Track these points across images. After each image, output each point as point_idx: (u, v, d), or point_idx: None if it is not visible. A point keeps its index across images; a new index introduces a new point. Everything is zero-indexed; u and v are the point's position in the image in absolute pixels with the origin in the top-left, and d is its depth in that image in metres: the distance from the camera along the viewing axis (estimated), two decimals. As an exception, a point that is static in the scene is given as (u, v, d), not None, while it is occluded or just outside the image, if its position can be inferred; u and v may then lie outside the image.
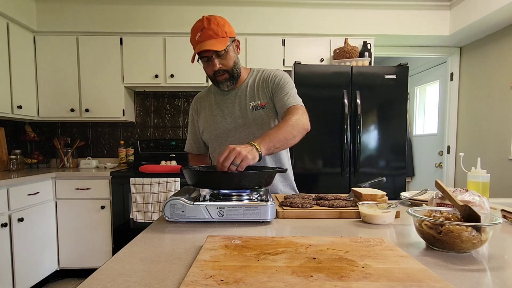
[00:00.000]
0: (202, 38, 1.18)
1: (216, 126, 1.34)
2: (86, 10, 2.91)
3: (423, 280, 0.50)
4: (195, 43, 1.21)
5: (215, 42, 1.18)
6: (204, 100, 1.42)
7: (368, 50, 2.85)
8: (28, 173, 2.51)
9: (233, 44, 1.26)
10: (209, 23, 1.18)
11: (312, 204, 1.04)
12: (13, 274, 2.20)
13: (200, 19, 1.21)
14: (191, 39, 1.23)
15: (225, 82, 1.28)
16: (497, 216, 0.72)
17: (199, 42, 1.19)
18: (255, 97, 1.32)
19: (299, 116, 1.18)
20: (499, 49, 2.88)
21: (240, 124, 1.32)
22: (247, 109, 1.32)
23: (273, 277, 0.51)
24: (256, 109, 1.30)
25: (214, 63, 1.22)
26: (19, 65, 2.71)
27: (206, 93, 1.44)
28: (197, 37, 1.19)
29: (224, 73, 1.26)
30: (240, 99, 1.33)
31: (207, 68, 1.26)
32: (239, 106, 1.33)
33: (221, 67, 1.23)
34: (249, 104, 1.32)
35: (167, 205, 0.89)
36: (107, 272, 0.57)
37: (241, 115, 1.32)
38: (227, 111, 1.34)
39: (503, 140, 2.81)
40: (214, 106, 1.37)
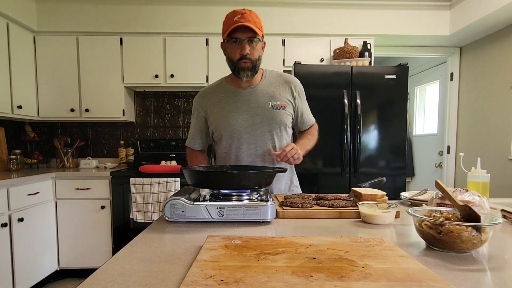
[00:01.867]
0: (241, 20, 1.22)
1: (232, 122, 1.34)
2: (86, 10, 2.91)
3: (423, 280, 0.50)
4: (232, 23, 1.22)
5: (254, 27, 1.23)
6: (212, 96, 1.40)
7: (368, 50, 2.85)
8: (28, 173, 2.51)
9: (263, 41, 1.32)
10: (250, 13, 1.25)
11: (312, 204, 1.04)
12: (13, 274, 2.20)
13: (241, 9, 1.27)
14: (226, 21, 1.25)
15: (246, 71, 1.29)
16: (497, 216, 0.72)
17: (238, 21, 1.21)
18: (275, 97, 1.36)
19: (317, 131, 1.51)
20: (499, 49, 2.88)
21: (257, 121, 1.34)
22: (265, 107, 1.34)
23: (273, 277, 0.51)
24: (276, 108, 1.34)
25: (244, 46, 1.24)
26: (19, 65, 2.71)
27: (213, 89, 1.42)
28: (236, 18, 1.22)
29: (249, 62, 1.27)
30: (258, 97, 1.35)
31: (234, 50, 1.27)
32: (257, 103, 1.35)
33: (249, 54, 1.26)
34: (268, 102, 1.34)
35: (167, 205, 0.89)
36: (107, 272, 0.57)
37: (258, 113, 1.34)
38: (244, 107, 1.35)
39: (503, 140, 2.81)
40: (230, 102, 1.36)
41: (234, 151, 1.36)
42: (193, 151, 1.50)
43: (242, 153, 1.35)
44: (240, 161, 1.36)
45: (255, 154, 1.35)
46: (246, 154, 1.35)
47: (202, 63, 2.97)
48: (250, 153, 1.35)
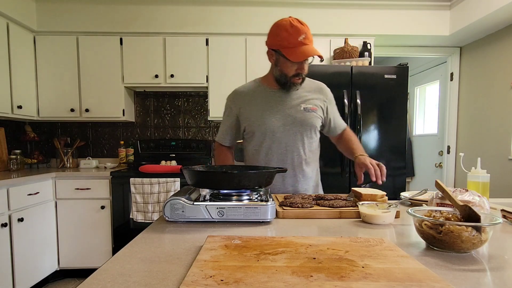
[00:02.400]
0: (306, 42, 1.26)
1: (265, 121, 1.40)
2: (86, 10, 2.91)
3: (423, 280, 0.50)
4: (297, 43, 1.26)
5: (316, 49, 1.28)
6: (246, 95, 1.46)
7: (368, 50, 2.85)
8: (28, 173, 2.51)
9: None
10: (308, 29, 1.28)
11: (312, 204, 1.04)
12: (13, 274, 2.20)
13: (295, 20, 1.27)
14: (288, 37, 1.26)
15: (297, 85, 1.39)
16: (497, 216, 0.72)
17: (304, 43, 1.26)
18: (307, 101, 1.42)
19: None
20: (499, 49, 2.88)
21: (289, 122, 1.40)
22: (298, 109, 1.40)
23: (273, 277, 0.51)
24: (307, 111, 1.41)
25: (303, 67, 1.32)
26: (19, 65, 2.71)
27: (251, 88, 1.48)
28: (301, 38, 1.25)
29: (301, 77, 1.36)
30: (291, 99, 1.41)
31: (291, 67, 1.32)
32: (290, 105, 1.41)
33: (305, 72, 1.35)
34: (300, 105, 1.41)
35: (167, 205, 0.89)
36: (107, 272, 0.57)
37: (291, 114, 1.40)
38: (277, 108, 1.41)
39: (503, 140, 2.81)
40: (264, 102, 1.42)
41: (265, 149, 1.42)
42: (221, 147, 1.55)
43: (272, 151, 1.41)
44: (269, 159, 1.41)
45: (284, 153, 1.41)
46: (276, 153, 1.41)
47: (202, 63, 2.97)
48: (280, 152, 1.41)
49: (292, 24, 1.26)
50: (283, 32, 1.27)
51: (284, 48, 1.29)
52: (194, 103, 3.37)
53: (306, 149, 1.43)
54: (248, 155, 1.49)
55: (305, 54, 1.26)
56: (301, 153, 1.42)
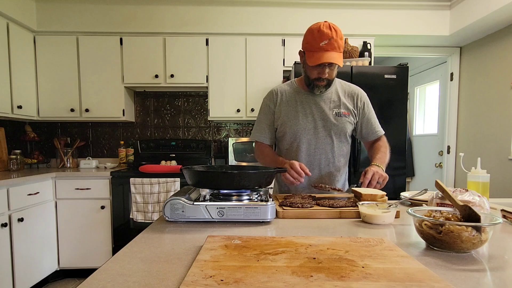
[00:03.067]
0: (328, 48, 1.26)
1: (297, 122, 1.43)
2: (86, 10, 2.91)
3: (423, 280, 0.50)
4: (318, 48, 1.27)
5: (337, 56, 1.27)
6: (284, 95, 1.48)
7: (368, 50, 2.85)
8: (28, 173, 2.51)
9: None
10: (337, 35, 1.27)
11: (312, 204, 1.04)
12: (13, 274, 2.20)
13: (327, 25, 1.27)
14: (311, 41, 1.28)
15: (321, 88, 1.39)
16: (497, 216, 0.72)
17: (324, 49, 1.26)
18: (339, 106, 1.44)
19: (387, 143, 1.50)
20: (499, 49, 2.88)
21: (320, 125, 1.43)
22: (329, 113, 1.42)
23: (273, 277, 0.51)
24: (339, 115, 1.43)
25: (324, 71, 1.32)
26: (19, 65, 2.71)
27: (287, 88, 1.50)
28: (323, 44, 1.26)
29: (325, 81, 1.37)
30: (324, 103, 1.44)
31: (313, 71, 1.34)
32: (322, 109, 1.43)
33: (327, 76, 1.35)
34: (332, 109, 1.43)
35: (167, 205, 0.90)
36: (107, 272, 0.57)
37: (322, 117, 1.43)
38: (309, 111, 1.43)
39: (503, 140, 2.81)
40: (297, 103, 1.45)
41: (295, 149, 1.44)
42: (263, 146, 1.53)
43: (301, 152, 1.43)
44: (298, 159, 1.42)
45: (313, 154, 1.44)
46: (305, 154, 1.43)
47: (202, 63, 2.97)
48: (309, 153, 1.44)
49: (320, 28, 1.27)
50: (309, 35, 1.30)
51: (307, 51, 1.32)
52: (194, 103, 3.37)
53: (336, 152, 1.45)
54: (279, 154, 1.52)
55: (320, 59, 1.26)
56: (329, 156, 1.44)
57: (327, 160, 1.45)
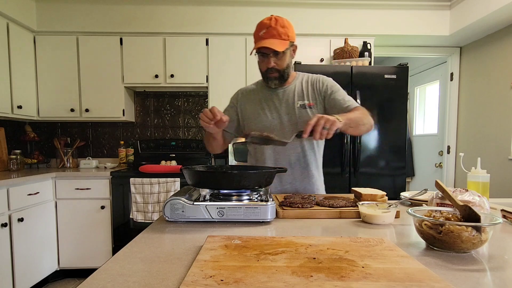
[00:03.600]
0: (265, 36, 1.27)
1: (262, 119, 1.41)
2: (86, 10, 2.91)
3: (423, 280, 0.50)
4: (257, 38, 1.30)
5: (276, 42, 1.26)
6: (250, 93, 1.48)
7: (368, 50, 2.85)
8: (28, 173, 2.51)
9: (291, 48, 1.36)
10: (276, 23, 1.27)
11: (312, 204, 1.04)
12: (13, 274, 2.20)
13: (269, 17, 1.30)
14: (255, 33, 1.32)
15: (274, 80, 1.38)
16: (497, 216, 0.72)
17: (262, 38, 1.28)
18: (303, 97, 1.40)
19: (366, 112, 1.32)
20: (499, 49, 2.88)
21: (285, 120, 1.39)
22: (294, 107, 1.39)
23: (273, 277, 0.51)
24: (303, 107, 1.39)
25: (269, 60, 1.32)
26: (19, 65, 2.71)
27: (252, 87, 1.51)
28: (261, 33, 1.28)
29: (275, 72, 1.35)
30: (288, 97, 1.41)
31: (261, 63, 1.36)
32: (286, 103, 1.41)
33: (275, 66, 1.33)
34: (296, 103, 1.40)
35: (167, 205, 0.89)
36: (107, 272, 0.57)
37: (287, 112, 1.40)
38: (273, 106, 1.42)
39: (503, 140, 2.81)
40: (261, 101, 1.44)
41: (261, 148, 1.42)
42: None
43: (269, 149, 1.41)
44: (266, 157, 1.41)
45: (282, 151, 1.41)
46: (273, 151, 1.41)
47: (202, 63, 2.97)
48: (278, 150, 1.41)
49: (261, 21, 1.30)
50: (254, 31, 1.32)
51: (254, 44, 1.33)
52: (194, 103, 3.37)
53: (305, 146, 1.41)
54: (250, 154, 1.51)
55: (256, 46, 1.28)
56: (298, 151, 1.41)
57: (297, 155, 1.41)
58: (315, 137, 1.06)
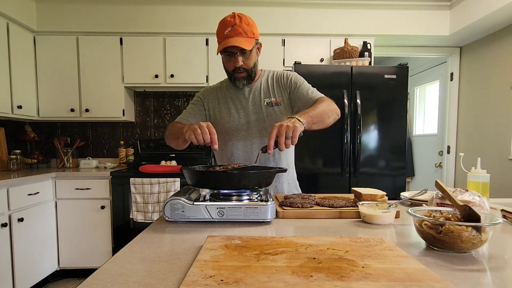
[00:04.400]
0: (231, 34, 1.23)
1: (229, 119, 1.37)
2: (86, 10, 2.91)
3: (423, 280, 0.50)
4: (223, 37, 1.25)
5: (243, 40, 1.23)
6: (214, 92, 1.44)
7: (368, 50, 2.85)
8: (28, 173, 2.51)
9: (256, 46, 1.32)
10: (241, 21, 1.24)
11: (312, 204, 1.04)
12: (13, 274, 2.20)
13: (232, 15, 1.27)
14: (218, 32, 1.27)
15: (242, 80, 1.34)
16: (497, 216, 0.72)
17: (228, 37, 1.23)
18: (269, 95, 1.37)
19: (329, 101, 1.27)
20: (499, 49, 2.88)
21: (253, 119, 1.36)
22: (261, 105, 1.36)
23: (273, 277, 0.51)
24: (271, 105, 1.36)
25: (237, 59, 1.27)
26: (19, 65, 2.71)
27: (216, 88, 1.46)
28: (226, 32, 1.23)
29: (243, 72, 1.31)
30: (254, 95, 1.38)
31: (228, 63, 1.31)
32: (253, 102, 1.38)
33: (242, 65, 1.28)
34: (263, 100, 1.37)
35: (167, 205, 0.89)
36: (107, 272, 0.57)
37: (255, 111, 1.37)
38: (240, 106, 1.38)
39: (503, 140, 2.81)
40: (227, 100, 1.40)
41: (230, 148, 1.38)
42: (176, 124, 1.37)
43: (238, 150, 1.37)
44: (235, 158, 1.37)
45: (250, 151, 1.37)
46: (242, 151, 1.37)
47: (202, 63, 2.97)
48: (247, 150, 1.37)
49: (224, 19, 1.26)
50: (217, 29, 1.29)
51: (218, 44, 1.29)
52: (194, 103, 3.37)
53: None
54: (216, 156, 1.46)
55: (223, 45, 1.23)
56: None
57: (266, 155, 1.35)
58: (280, 148, 1.03)
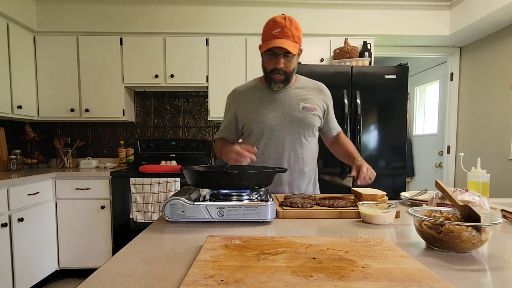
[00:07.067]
0: (280, 35, 1.25)
1: (263, 119, 1.40)
2: (86, 10, 2.91)
3: (423, 280, 0.50)
4: (270, 36, 1.27)
5: (290, 43, 1.26)
6: (245, 93, 1.47)
7: (368, 50, 2.85)
8: (28, 173, 2.51)
9: (298, 52, 1.35)
10: (291, 25, 1.27)
11: (312, 204, 1.04)
12: (13, 274, 2.20)
13: (282, 16, 1.28)
14: (266, 30, 1.29)
15: (278, 83, 1.37)
16: (497, 216, 0.72)
17: (276, 37, 1.26)
18: (307, 100, 1.43)
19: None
20: (499, 49, 2.88)
21: (287, 120, 1.40)
22: (296, 108, 1.41)
23: (273, 277, 0.51)
24: (306, 110, 1.41)
25: (279, 61, 1.30)
26: (19, 65, 2.71)
27: (246, 87, 1.49)
28: (275, 32, 1.26)
29: (282, 74, 1.34)
30: (291, 98, 1.42)
31: (269, 62, 1.33)
32: (289, 104, 1.41)
33: (283, 67, 1.32)
34: (299, 104, 1.41)
35: (167, 205, 0.89)
36: (107, 272, 0.57)
37: (289, 112, 1.40)
38: (275, 106, 1.41)
39: (503, 140, 2.81)
40: (262, 100, 1.43)
41: (262, 147, 1.42)
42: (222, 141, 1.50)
43: (269, 149, 1.41)
44: (266, 157, 1.42)
45: (282, 151, 1.41)
46: (273, 151, 1.41)
47: (202, 63, 2.97)
48: (277, 150, 1.41)
49: (274, 19, 1.28)
50: (265, 27, 1.31)
51: (262, 41, 1.31)
52: (194, 103, 3.37)
53: (304, 148, 1.43)
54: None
55: (271, 44, 1.25)
56: (298, 152, 1.42)
57: (296, 156, 1.42)
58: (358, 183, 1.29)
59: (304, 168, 1.44)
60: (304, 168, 1.44)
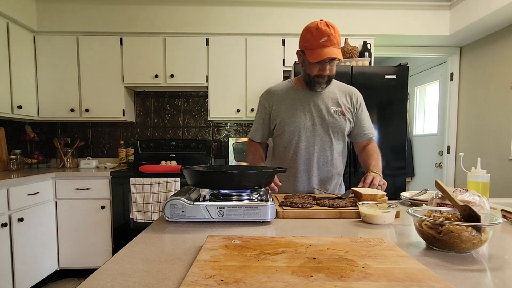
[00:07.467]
0: (328, 44, 1.29)
1: (296, 119, 1.45)
2: (86, 10, 2.91)
3: (423, 280, 0.50)
4: (318, 45, 1.30)
5: (337, 51, 1.30)
6: (279, 93, 1.51)
7: (368, 50, 2.85)
8: (28, 173, 2.51)
9: None
10: (335, 32, 1.30)
11: (312, 204, 1.04)
12: (13, 274, 2.20)
13: (324, 23, 1.30)
14: (310, 38, 1.31)
15: (321, 85, 1.41)
16: (497, 216, 0.72)
17: (325, 46, 1.29)
18: (338, 104, 1.47)
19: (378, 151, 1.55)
20: (499, 49, 2.88)
21: (318, 123, 1.45)
22: (328, 111, 1.45)
23: (273, 277, 0.51)
24: (337, 114, 1.46)
25: (326, 68, 1.35)
26: (19, 65, 2.71)
27: (281, 88, 1.53)
28: (322, 41, 1.29)
29: (326, 78, 1.38)
30: (323, 101, 1.46)
31: (314, 68, 1.36)
32: (321, 107, 1.46)
33: (329, 73, 1.37)
34: (331, 107, 1.46)
35: (167, 205, 0.89)
36: (107, 272, 0.57)
37: (320, 115, 1.45)
38: (308, 108, 1.46)
39: (503, 140, 2.81)
40: (296, 102, 1.47)
41: (293, 147, 1.46)
42: (253, 143, 1.60)
43: (300, 149, 1.45)
44: (297, 157, 1.46)
45: (312, 152, 1.45)
46: (304, 152, 1.45)
47: (202, 63, 2.97)
48: (309, 151, 1.45)
49: (317, 26, 1.30)
50: (308, 34, 1.32)
51: (306, 49, 1.34)
52: (194, 103, 3.37)
53: (334, 150, 1.47)
54: (277, 152, 1.54)
55: (322, 55, 1.29)
56: (327, 154, 1.46)
57: (325, 158, 1.47)
58: None
59: (332, 170, 1.49)
60: (332, 170, 1.49)
